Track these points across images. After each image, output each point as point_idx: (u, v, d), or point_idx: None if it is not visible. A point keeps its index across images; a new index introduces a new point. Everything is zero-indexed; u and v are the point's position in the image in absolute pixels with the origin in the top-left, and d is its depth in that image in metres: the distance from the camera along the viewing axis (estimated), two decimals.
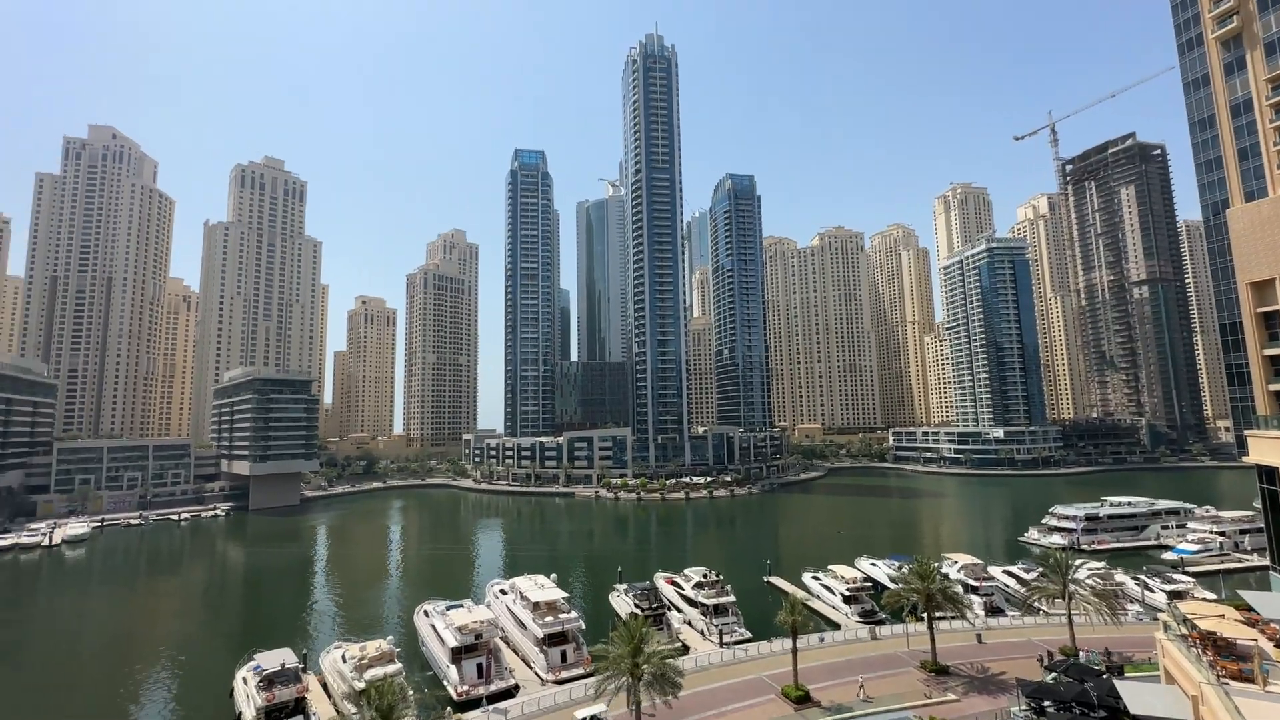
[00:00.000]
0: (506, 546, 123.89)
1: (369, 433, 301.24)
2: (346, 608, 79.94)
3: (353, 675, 45.73)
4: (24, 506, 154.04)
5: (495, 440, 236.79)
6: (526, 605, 58.37)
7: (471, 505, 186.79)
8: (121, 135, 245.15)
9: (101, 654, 65.79)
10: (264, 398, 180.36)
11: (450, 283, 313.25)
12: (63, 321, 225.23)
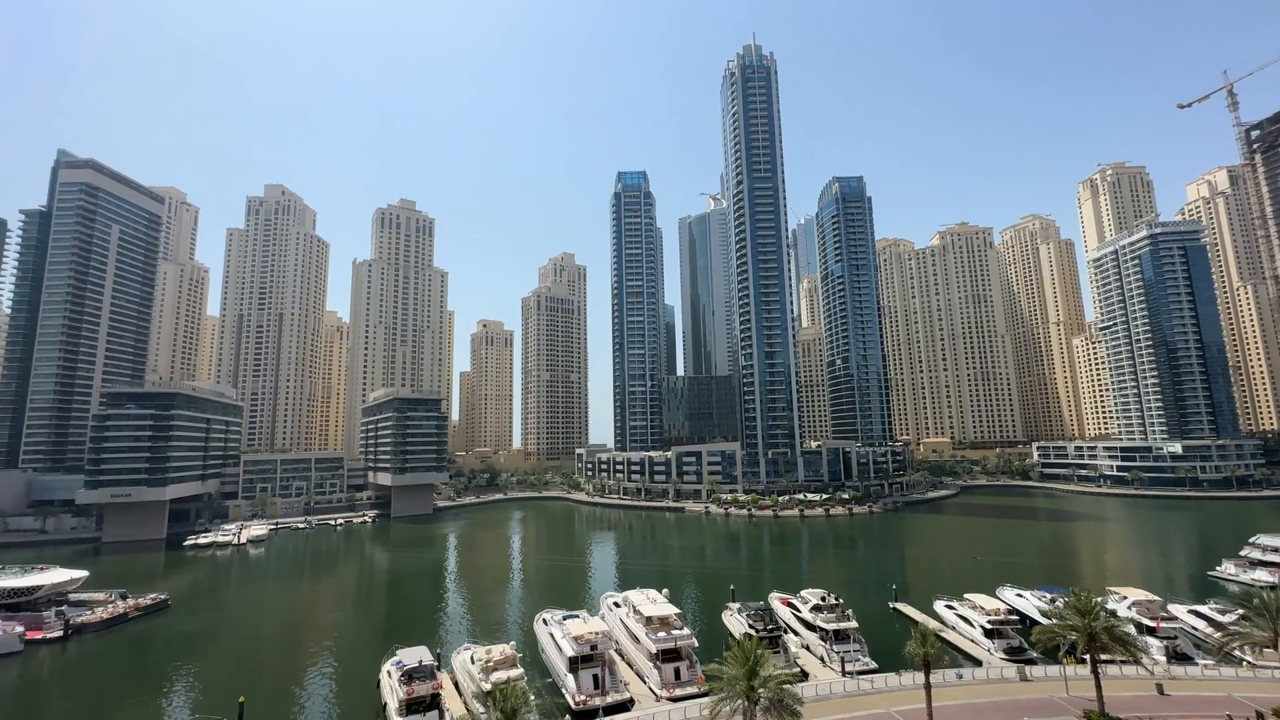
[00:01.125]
0: (619, 559, 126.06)
1: (491, 447, 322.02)
2: (474, 611, 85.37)
3: (480, 676, 48.65)
4: (220, 510, 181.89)
5: (606, 454, 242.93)
6: (639, 619, 58.85)
7: (585, 517, 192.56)
8: (289, 191, 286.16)
9: (276, 638, 75.56)
10: (402, 415, 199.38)
11: (561, 304, 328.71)
12: (246, 353, 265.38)
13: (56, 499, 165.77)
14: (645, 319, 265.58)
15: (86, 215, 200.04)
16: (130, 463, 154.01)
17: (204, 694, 56.45)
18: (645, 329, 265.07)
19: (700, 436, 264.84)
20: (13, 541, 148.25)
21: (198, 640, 74.19)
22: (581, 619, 59.30)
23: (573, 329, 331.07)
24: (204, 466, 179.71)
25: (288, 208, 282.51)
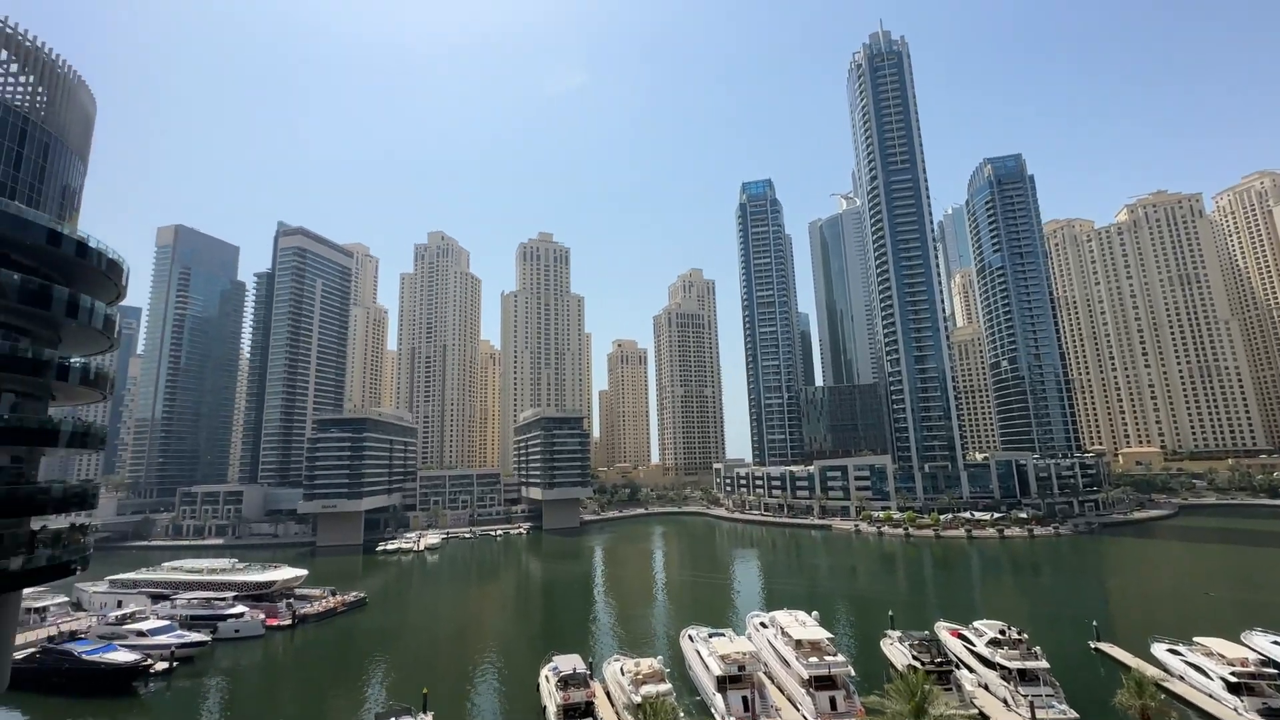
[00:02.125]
0: (763, 578, 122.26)
1: (630, 462, 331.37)
2: (621, 623, 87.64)
3: (630, 688, 49.63)
4: (403, 520, 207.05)
5: (744, 469, 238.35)
6: (788, 642, 56.38)
7: (725, 534, 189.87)
8: (447, 236, 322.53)
9: (451, 636, 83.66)
10: (548, 433, 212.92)
11: (691, 319, 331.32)
12: (418, 381, 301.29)
13: (284, 508, 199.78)
14: (778, 329, 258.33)
15: (298, 273, 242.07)
16: (335, 478, 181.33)
17: (394, 682, 64.06)
18: (779, 339, 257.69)
19: (844, 449, 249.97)
20: (253, 544, 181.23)
21: (388, 635, 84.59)
22: (728, 637, 58.18)
23: (704, 343, 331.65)
24: (389, 481, 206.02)
25: (446, 250, 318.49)
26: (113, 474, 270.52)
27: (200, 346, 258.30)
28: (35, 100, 47.25)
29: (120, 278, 51.31)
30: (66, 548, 45.69)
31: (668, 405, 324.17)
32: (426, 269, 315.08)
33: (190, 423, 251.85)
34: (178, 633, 75.85)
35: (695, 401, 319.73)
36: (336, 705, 58.86)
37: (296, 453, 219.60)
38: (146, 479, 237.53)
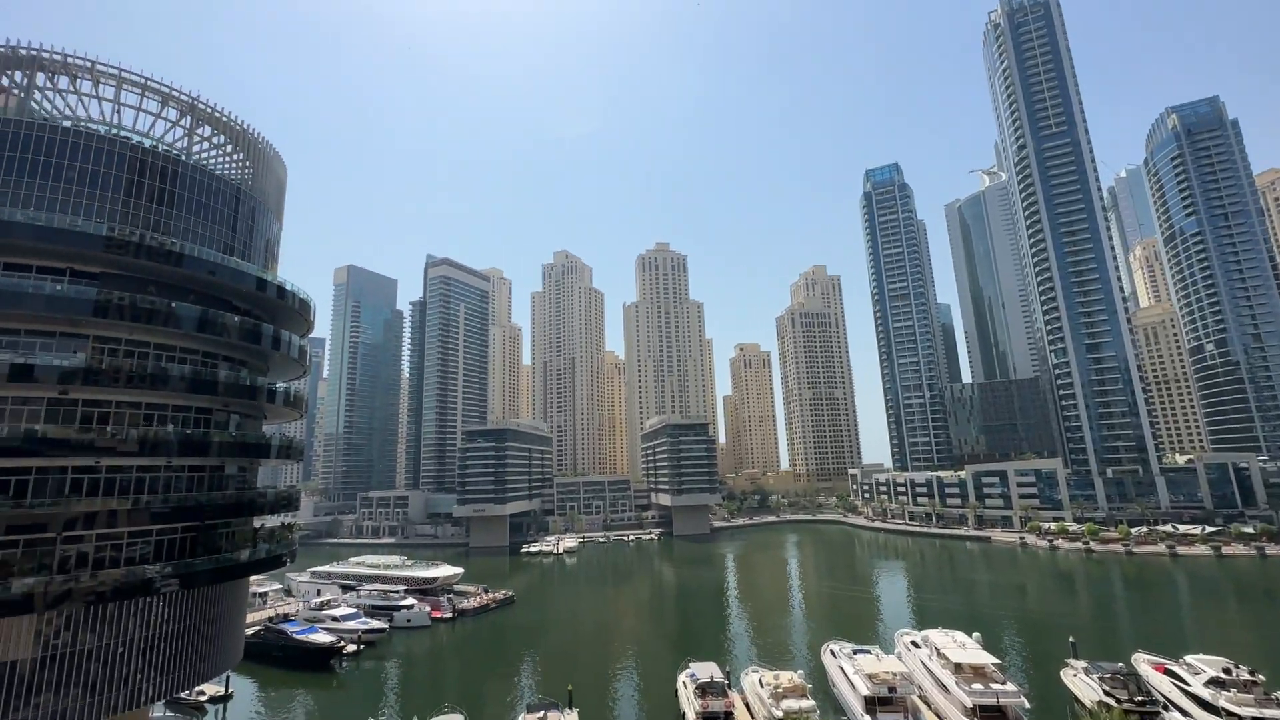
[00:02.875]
0: (911, 593, 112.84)
1: (759, 468, 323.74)
2: (757, 633, 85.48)
3: (770, 702, 48.16)
4: (542, 524, 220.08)
5: (884, 475, 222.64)
6: (946, 665, 51.43)
7: (866, 544, 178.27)
8: (571, 255, 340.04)
9: (591, 637, 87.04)
10: (674, 440, 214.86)
11: (816, 318, 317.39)
12: (550, 392, 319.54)
13: (441, 512, 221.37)
14: (914, 323, 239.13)
15: (444, 300, 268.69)
16: (482, 484, 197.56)
17: (542, 676, 67.97)
18: (916, 334, 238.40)
19: (1001, 452, 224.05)
20: (417, 543, 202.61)
21: (535, 631, 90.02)
22: (875, 656, 54.37)
23: (832, 343, 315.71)
24: (529, 487, 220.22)
25: (570, 268, 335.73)
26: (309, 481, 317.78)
27: (370, 370, 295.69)
28: (244, 172, 57.40)
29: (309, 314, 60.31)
30: (280, 543, 54.30)
31: (795, 409, 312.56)
32: (553, 287, 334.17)
33: (365, 436, 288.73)
34: (363, 619, 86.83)
35: (825, 404, 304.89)
36: (492, 693, 63.68)
37: (450, 461, 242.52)
38: (334, 485, 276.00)
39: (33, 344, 42.54)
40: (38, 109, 50.52)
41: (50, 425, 40.68)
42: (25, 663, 38.01)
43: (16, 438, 39.28)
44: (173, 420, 46.54)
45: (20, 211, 42.72)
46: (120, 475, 43.31)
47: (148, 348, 46.45)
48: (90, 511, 40.99)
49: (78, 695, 39.36)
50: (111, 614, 41.21)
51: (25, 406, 41.07)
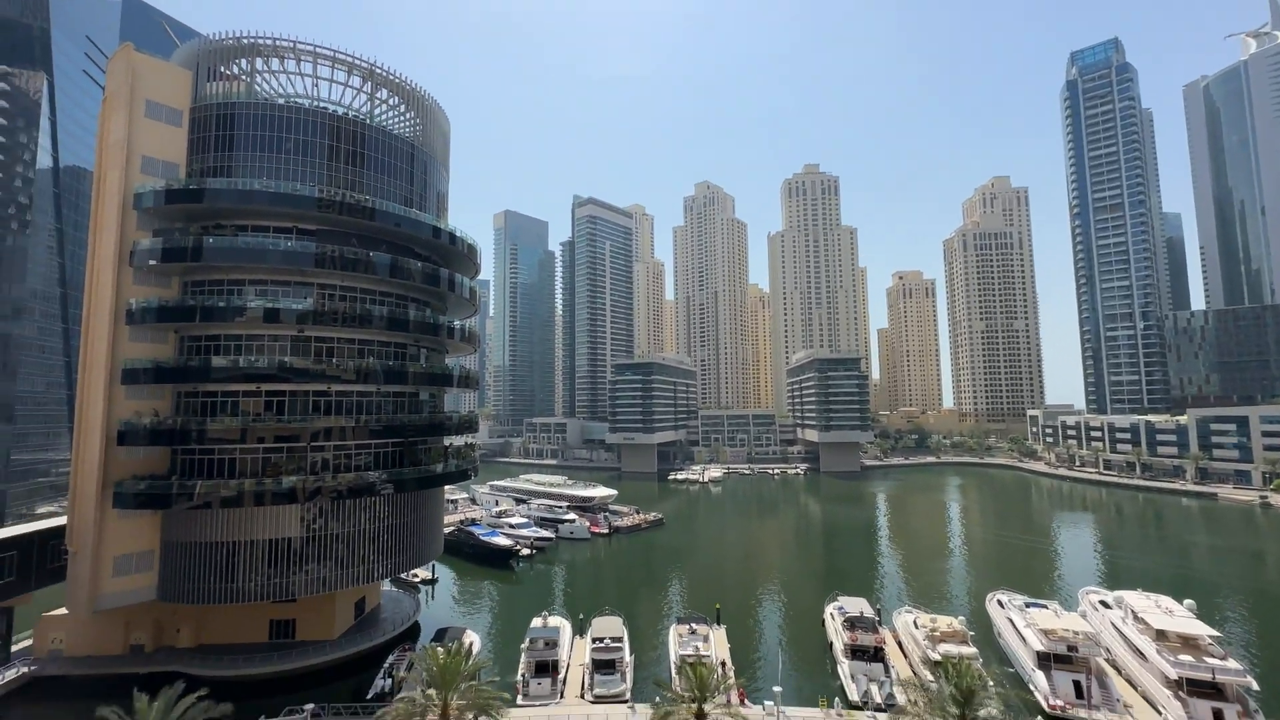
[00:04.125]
0: (1101, 549, 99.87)
1: (917, 407, 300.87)
2: (910, 576, 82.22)
3: (925, 643, 46.65)
4: (687, 454, 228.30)
5: (1074, 418, 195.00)
6: (1145, 631, 45.47)
7: (1045, 493, 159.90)
8: (713, 185, 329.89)
9: (737, 562, 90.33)
10: (822, 375, 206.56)
11: (995, 239, 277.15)
12: (693, 327, 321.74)
13: (595, 438, 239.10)
14: (1129, 238, 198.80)
15: (591, 239, 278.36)
16: (631, 415, 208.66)
17: (689, 593, 72.51)
18: (1130, 251, 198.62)
19: (1242, 395, 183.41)
20: (575, 465, 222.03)
21: (683, 552, 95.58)
22: (1052, 611, 49.66)
23: (1013, 267, 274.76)
24: (675, 419, 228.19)
25: (712, 199, 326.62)
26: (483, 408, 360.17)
27: (528, 308, 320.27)
28: (415, 129, 63.05)
29: (476, 257, 66.15)
30: (465, 459, 62.73)
31: (964, 342, 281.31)
32: (695, 220, 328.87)
33: (526, 369, 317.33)
34: (534, 528, 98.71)
35: (1002, 337, 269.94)
36: (645, 603, 69.57)
37: (601, 392, 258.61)
38: (503, 411, 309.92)
39: (276, 291, 51.98)
40: (258, 90, 59.29)
41: (294, 357, 50.06)
42: (295, 539, 48.97)
43: (274, 367, 49.01)
44: (377, 354, 54.79)
45: (257, 181, 51.30)
46: (345, 399, 52.45)
47: (355, 292, 54.51)
48: (327, 427, 50.46)
49: (332, 567, 50.02)
50: (349, 508, 51.22)
51: (276, 343, 50.80)
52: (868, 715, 39.86)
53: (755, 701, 41.43)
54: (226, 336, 49.75)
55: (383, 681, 45.17)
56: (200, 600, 47.78)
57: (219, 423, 47.47)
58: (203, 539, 47.43)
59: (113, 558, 47.13)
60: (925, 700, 31.11)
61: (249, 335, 49.72)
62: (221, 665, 46.76)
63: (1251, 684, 39.67)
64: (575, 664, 47.82)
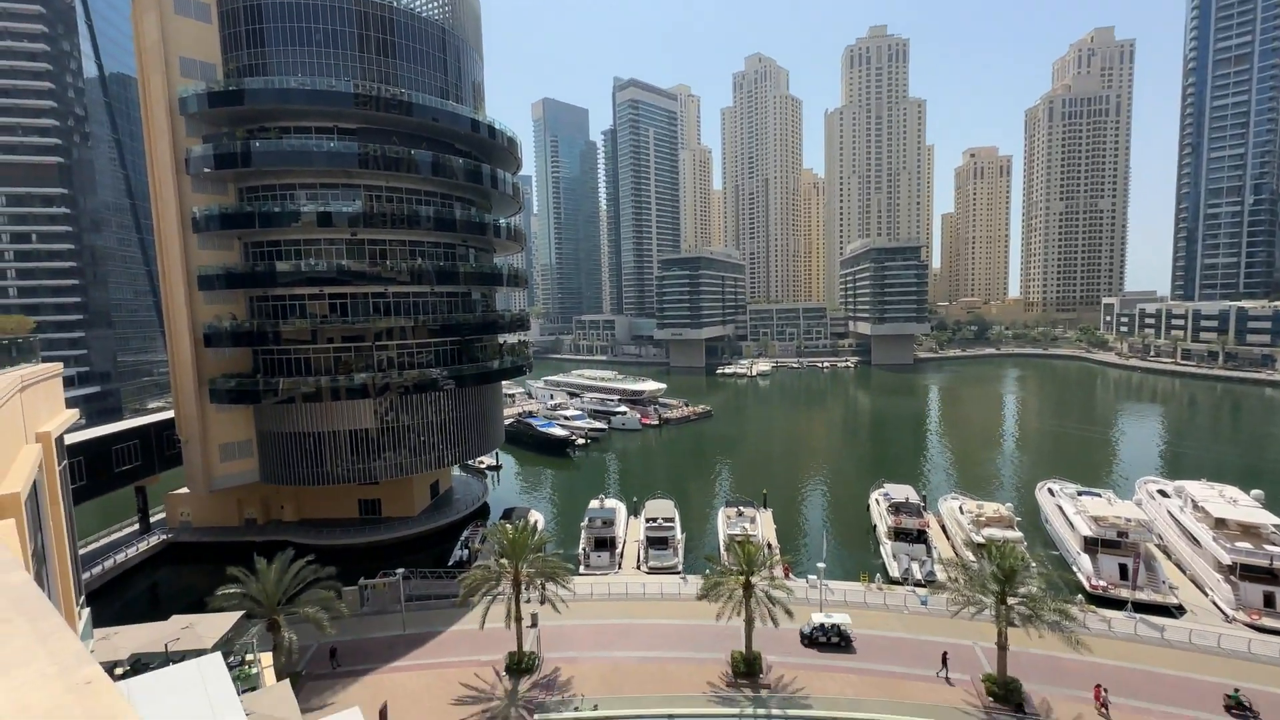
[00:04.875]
0: (1165, 439, 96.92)
1: (979, 296, 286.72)
2: (959, 465, 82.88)
3: (970, 528, 47.88)
4: (735, 349, 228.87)
5: (1155, 305, 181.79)
6: (1203, 519, 44.95)
7: (1112, 383, 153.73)
8: (765, 57, 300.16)
9: (783, 451, 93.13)
10: (879, 265, 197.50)
11: (1087, 105, 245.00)
12: (742, 217, 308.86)
13: (643, 334, 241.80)
14: (1252, 95, 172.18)
15: (634, 125, 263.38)
16: (679, 310, 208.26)
17: (736, 480, 75.95)
18: (1251, 113, 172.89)
19: None
20: (624, 361, 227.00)
21: (731, 442, 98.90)
22: (1105, 499, 49.49)
23: (1105, 137, 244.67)
24: (723, 313, 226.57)
25: (765, 74, 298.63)
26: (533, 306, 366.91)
27: (571, 203, 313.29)
28: (445, 11, 59.03)
29: (517, 151, 64.14)
30: (519, 356, 65.02)
31: (1039, 225, 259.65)
32: (745, 98, 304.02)
33: (573, 266, 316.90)
34: (587, 420, 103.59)
35: (1083, 218, 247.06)
36: (695, 487, 73.55)
37: (648, 287, 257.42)
38: (552, 309, 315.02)
39: (326, 195, 52.54)
40: None
41: (350, 261, 51.50)
42: (371, 431, 53.18)
43: (333, 271, 50.73)
44: (428, 255, 55.61)
45: (293, 79, 50.15)
46: (402, 300, 54.25)
47: (400, 193, 54.44)
48: (388, 327, 52.83)
49: (406, 455, 54.50)
50: (416, 403, 54.72)
51: (332, 246, 52.12)
52: (907, 589, 42.16)
53: (799, 575, 44.35)
54: (286, 242, 51.43)
55: (460, 552, 50.62)
56: (296, 482, 53.73)
57: (290, 325, 50.47)
58: (292, 430, 52.32)
59: (218, 445, 52.95)
60: (966, 578, 32.43)
61: (306, 240, 51.22)
62: (321, 536, 53.36)
63: None
64: (631, 540, 51.93)
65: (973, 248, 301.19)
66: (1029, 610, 29.70)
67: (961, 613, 32.04)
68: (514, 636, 34.32)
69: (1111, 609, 38.89)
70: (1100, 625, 36.50)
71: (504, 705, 31.32)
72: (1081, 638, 30.33)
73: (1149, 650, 34.65)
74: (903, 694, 31.07)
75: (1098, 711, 29.07)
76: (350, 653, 36.02)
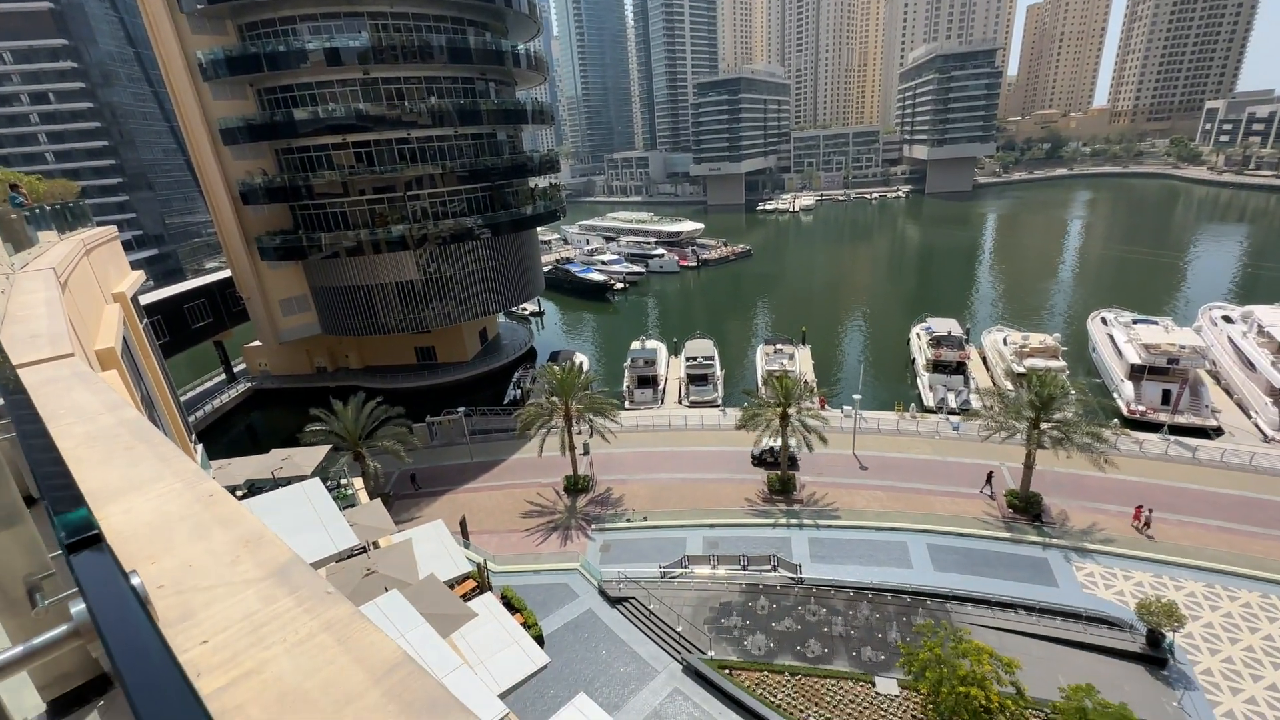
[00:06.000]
0: (1245, 262, 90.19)
1: (1059, 108, 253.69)
2: (1009, 297, 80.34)
3: (1012, 358, 47.75)
4: (778, 182, 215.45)
5: (1268, 108, 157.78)
6: (1266, 344, 43.31)
7: (1196, 203, 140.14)
8: None
9: (824, 288, 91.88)
10: (944, 76, 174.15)
11: None
12: (787, 30, 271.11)
13: (679, 171, 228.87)
14: None
15: None
16: (717, 142, 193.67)
17: (777, 318, 76.34)
18: None
19: None
20: (660, 201, 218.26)
21: (770, 281, 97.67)
22: (1162, 327, 47.73)
23: None
24: (764, 143, 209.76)
25: None
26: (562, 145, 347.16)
27: (594, 21, 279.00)
28: None
29: None
30: (552, 200, 63.34)
31: (1145, 14, 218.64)
32: None
33: (601, 98, 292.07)
34: (625, 264, 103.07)
35: (1201, 3, 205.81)
36: (733, 327, 74.62)
37: (683, 120, 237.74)
38: (582, 148, 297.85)
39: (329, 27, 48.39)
40: None
41: (368, 104, 48.87)
42: (415, 282, 54.63)
43: (351, 115, 48.50)
44: (446, 93, 52.04)
45: None
46: (426, 145, 52.14)
47: (407, 20, 49.62)
48: (417, 175, 51.62)
49: (451, 304, 56.41)
50: (456, 253, 55.22)
51: (346, 88, 49.24)
52: (940, 417, 43.63)
53: (835, 406, 46.26)
54: (299, 86, 48.72)
55: (513, 392, 54.42)
56: (355, 333, 57.12)
57: (320, 177, 49.83)
58: (342, 284, 54.28)
59: (278, 301, 55.83)
60: (1001, 406, 33.14)
61: (318, 83, 48.35)
62: (385, 381, 57.89)
63: None
64: (672, 378, 54.40)
65: (1060, 47, 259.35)
66: (1061, 434, 30.59)
67: (992, 437, 33.31)
68: (569, 462, 38.04)
69: (1149, 433, 39.56)
70: (1132, 446, 37.47)
71: (565, 517, 35.80)
72: (1110, 457, 31.35)
73: (1177, 468, 35.78)
74: (926, 507, 33.74)
75: (1137, 529, 30.58)
76: (428, 478, 40.99)
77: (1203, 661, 23.21)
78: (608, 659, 25.71)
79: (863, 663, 24.22)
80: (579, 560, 31.64)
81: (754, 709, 22.50)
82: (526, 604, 27.68)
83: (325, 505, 16.14)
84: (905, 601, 26.93)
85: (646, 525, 34.22)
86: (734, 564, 29.92)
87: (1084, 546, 29.61)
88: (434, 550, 22.80)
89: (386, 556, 19.14)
